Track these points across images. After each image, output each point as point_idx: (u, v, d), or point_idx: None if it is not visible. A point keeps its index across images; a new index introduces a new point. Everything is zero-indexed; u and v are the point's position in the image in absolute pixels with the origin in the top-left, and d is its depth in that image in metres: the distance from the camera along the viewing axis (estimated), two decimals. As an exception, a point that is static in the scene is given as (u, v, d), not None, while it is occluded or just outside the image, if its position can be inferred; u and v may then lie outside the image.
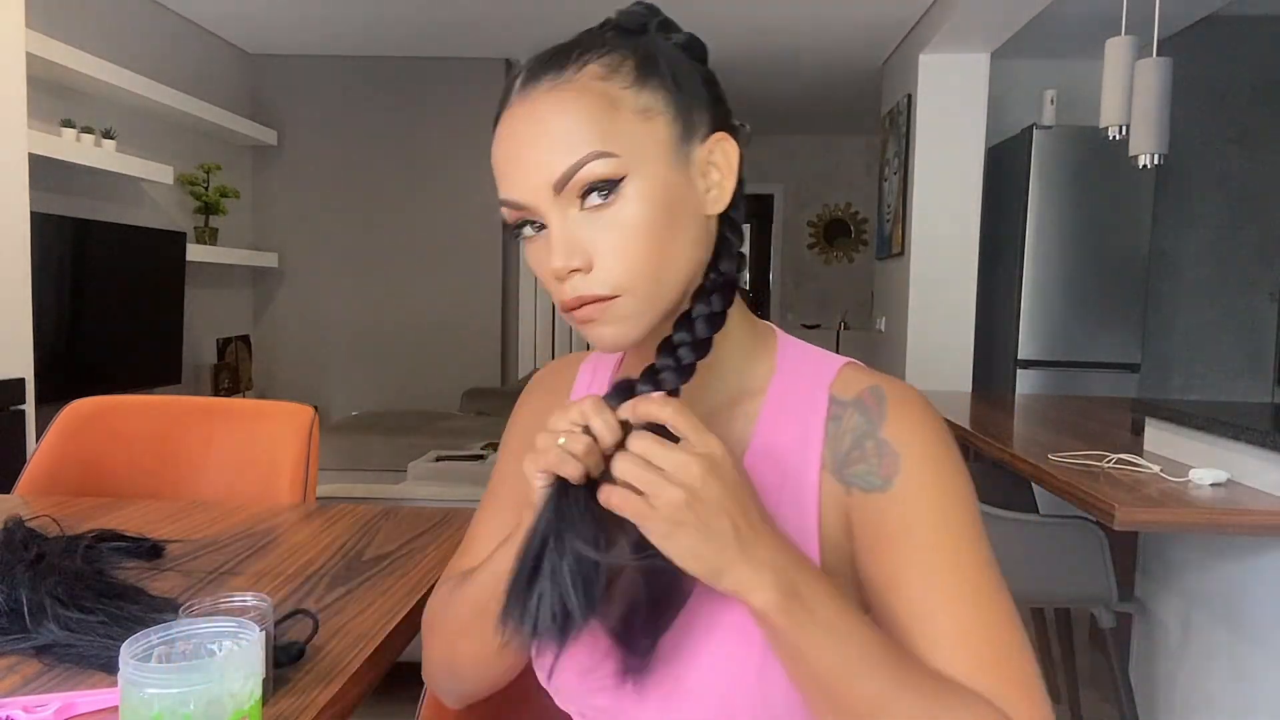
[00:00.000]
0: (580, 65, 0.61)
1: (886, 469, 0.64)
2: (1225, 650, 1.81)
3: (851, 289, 7.49)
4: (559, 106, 0.60)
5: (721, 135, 0.65)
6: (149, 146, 3.97)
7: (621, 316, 0.63)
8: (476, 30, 4.51)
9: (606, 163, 0.60)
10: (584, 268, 0.62)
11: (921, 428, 0.65)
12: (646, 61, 0.63)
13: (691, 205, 0.64)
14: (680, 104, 0.63)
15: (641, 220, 0.61)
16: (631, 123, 0.61)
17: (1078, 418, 2.55)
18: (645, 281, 0.62)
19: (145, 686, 0.56)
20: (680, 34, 0.68)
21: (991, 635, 0.60)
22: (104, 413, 1.62)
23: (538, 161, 0.61)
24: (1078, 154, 4.04)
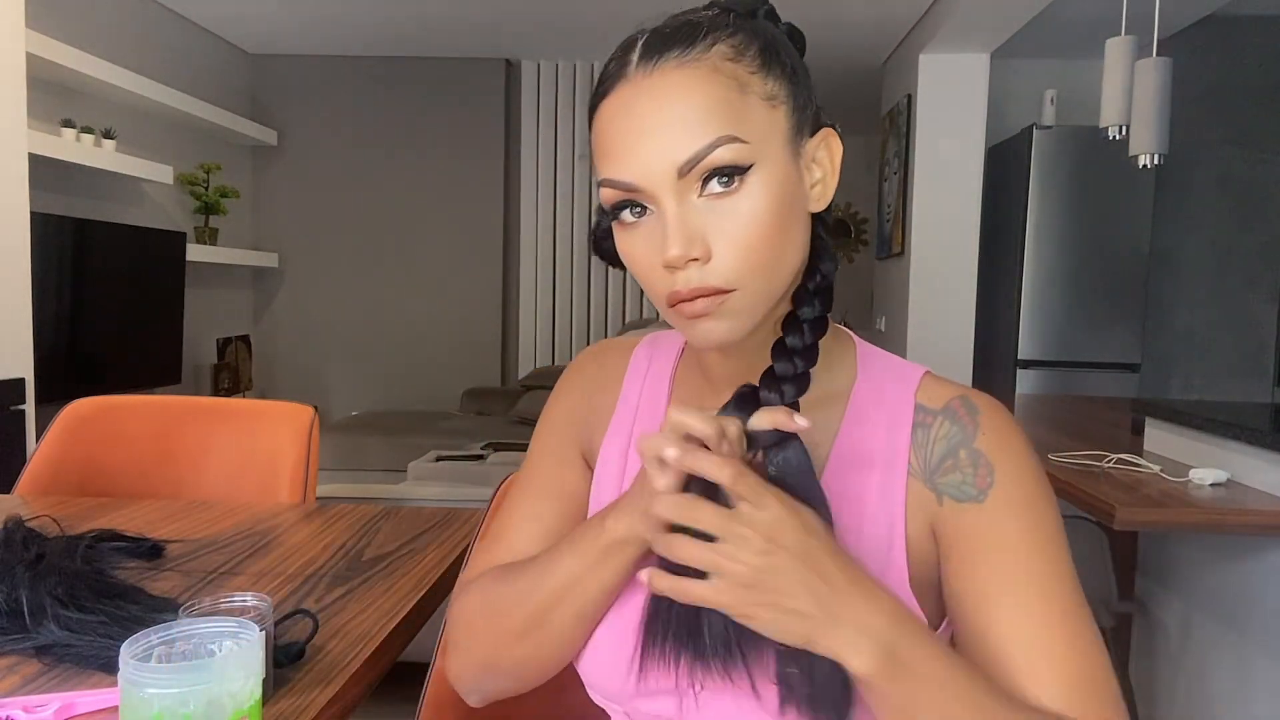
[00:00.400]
0: (710, 44, 0.58)
1: (981, 480, 0.63)
2: (1225, 650, 1.81)
3: (851, 289, 7.48)
4: (690, 84, 0.57)
5: (829, 131, 0.63)
6: (149, 146, 3.97)
7: (735, 311, 0.59)
8: (477, 30, 4.51)
9: (737, 148, 0.56)
10: (703, 258, 0.58)
11: (1014, 440, 0.65)
12: (769, 47, 0.60)
13: (801, 201, 0.61)
14: (798, 95, 0.61)
15: (762, 212, 0.58)
16: (759, 109, 0.58)
17: (1078, 418, 2.55)
18: (761, 277, 0.59)
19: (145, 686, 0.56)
20: (784, 23, 0.65)
21: (1081, 658, 0.60)
22: (104, 413, 1.62)
23: (663, 142, 0.57)
24: (1078, 154, 4.04)
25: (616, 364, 0.78)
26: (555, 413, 0.78)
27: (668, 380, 0.75)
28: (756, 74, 0.59)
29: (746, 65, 0.58)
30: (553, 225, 5.09)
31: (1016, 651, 0.59)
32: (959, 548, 0.63)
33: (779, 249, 0.59)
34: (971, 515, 0.63)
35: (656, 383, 0.75)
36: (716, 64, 0.57)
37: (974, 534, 0.62)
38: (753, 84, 0.58)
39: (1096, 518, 1.56)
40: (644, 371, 0.76)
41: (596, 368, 0.79)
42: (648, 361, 0.77)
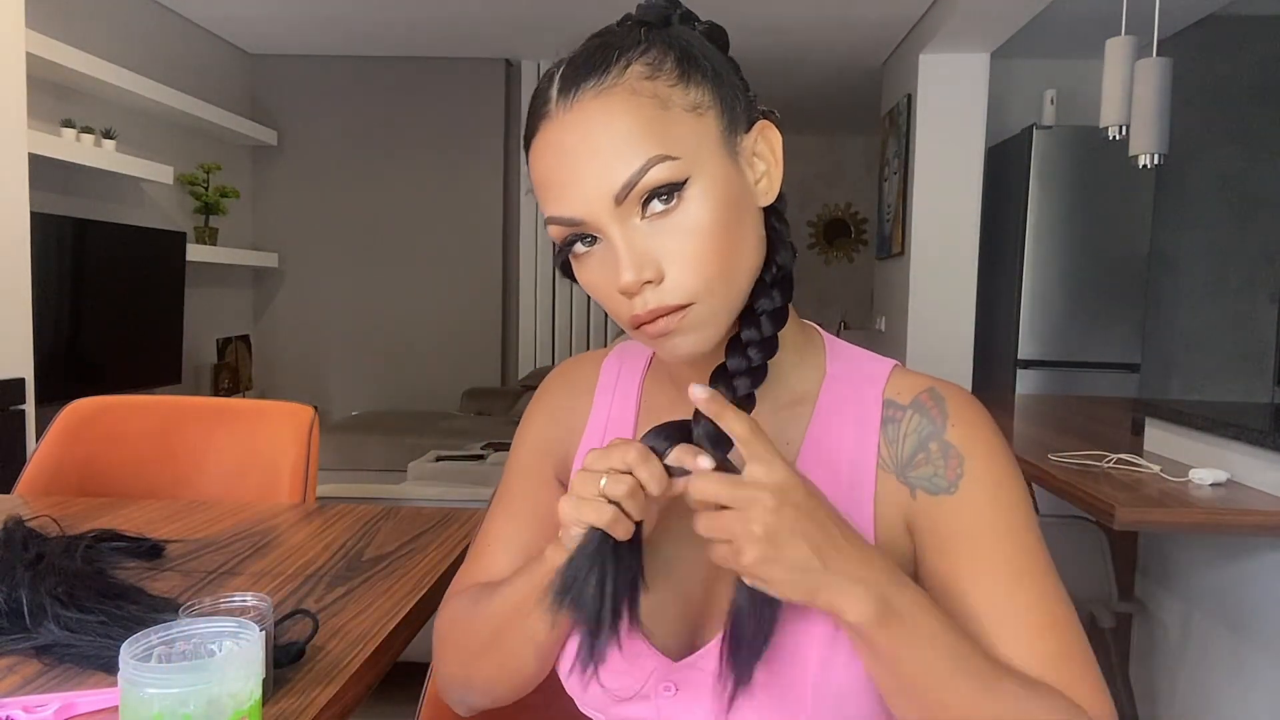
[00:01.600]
0: (624, 66, 0.58)
1: (952, 472, 0.64)
2: (1225, 650, 1.81)
3: (851, 289, 7.49)
4: (609, 112, 0.57)
5: (764, 123, 0.63)
6: (149, 146, 3.97)
7: (697, 323, 0.60)
8: (476, 30, 4.51)
9: (669, 166, 0.57)
10: (656, 279, 0.58)
11: (983, 429, 0.66)
12: (686, 55, 0.60)
13: (748, 199, 0.62)
14: (724, 96, 0.61)
15: (707, 223, 0.58)
16: (685, 121, 0.58)
17: (1078, 418, 2.55)
18: (717, 286, 0.59)
19: (145, 686, 0.56)
20: (702, 23, 0.65)
21: (1059, 634, 0.62)
22: (104, 413, 1.62)
23: (594, 173, 0.57)
24: (1078, 154, 4.04)
25: (587, 378, 0.78)
26: (527, 433, 0.79)
27: (636, 390, 0.76)
28: (676, 86, 0.58)
29: (665, 80, 0.58)
30: (553, 225, 5.08)
31: (997, 633, 0.61)
32: (935, 539, 0.64)
33: (730, 254, 0.59)
34: (945, 506, 0.64)
35: (625, 393, 0.76)
36: (634, 85, 0.57)
37: (948, 524, 0.64)
38: (674, 97, 0.58)
39: (1096, 518, 1.56)
40: (614, 383, 0.77)
41: (566, 386, 0.79)
42: (617, 373, 0.77)
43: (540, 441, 0.78)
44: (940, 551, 0.64)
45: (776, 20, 4.21)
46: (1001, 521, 0.63)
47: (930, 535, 0.64)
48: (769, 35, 4.44)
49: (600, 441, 0.75)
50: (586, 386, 0.78)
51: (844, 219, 7.36)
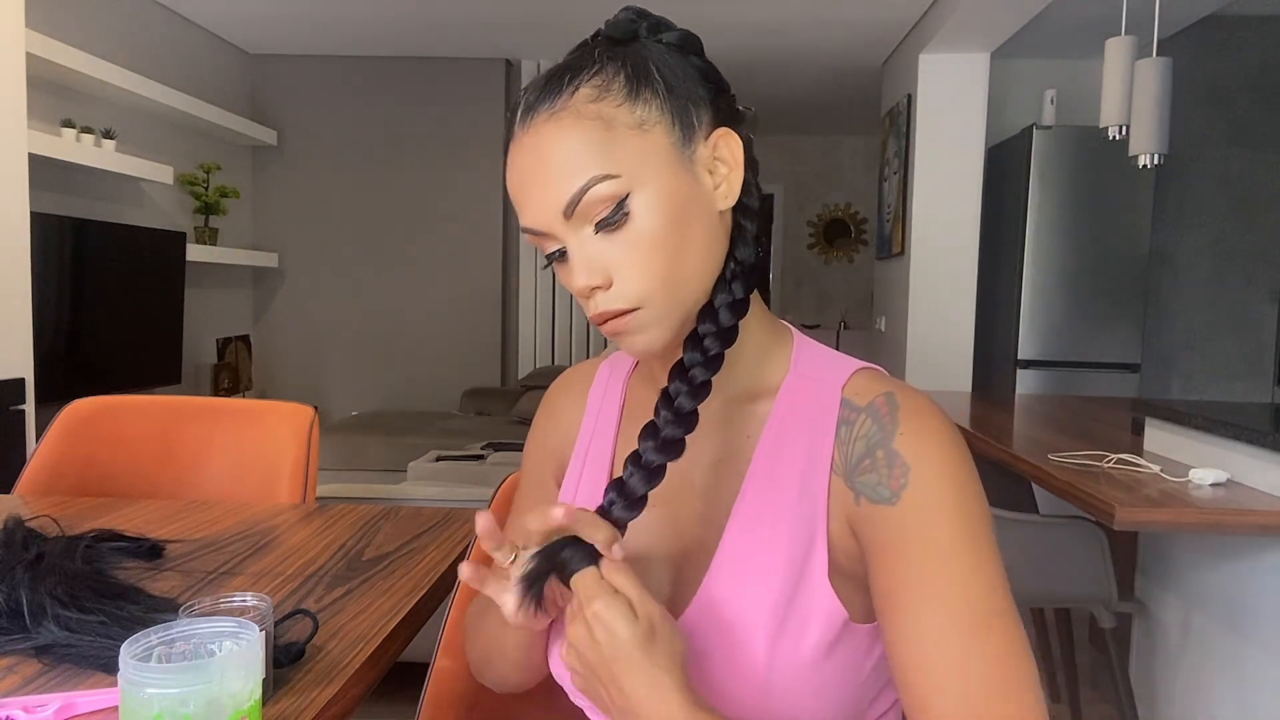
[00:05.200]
0: (573, 90, 0.63)
1: (896, 481, 0.62)
2: (1225, 650, 1.81)
3: (851, 289, 7.49)
4: (557, 135, 0.62)
5: (724, 131, 0.66)
6: (149, 146, 3.97)
7: (646, 324, 0.64)
8: (476, 30, 4.51)
9: (608, 184, 0.61)
10: (604, 285, 0.63)
11: (934, 440, 0.63)
12: (637, 73, 0.63)
13: (702, 205, 0.65)
14: (676, 108, 0.64)
15: (652, 232, 0.62)
16: (628, 139, 0.62)
17: (1078, 418, 2.55)
18: (662, 291, 0.63)
19: (145, 686, 0.56)
20: (672, 32, 0.68)
21: (993, 669, 0.58)
22: (104, 413, 1.62)
23: (545, 191, 0.62)
24: (1078, 154, 4.04)
25: (583, 383, 0.82)
26: (533, 441, 0.84)
27: (620, 391, 0.79)
28: (623, 105, 0.62)
29: (611, 100, 0.62)
30: (553, 225, 5.08)
31: (924, 661, 0.59)
32: (875, 549, 0.63)
33: (676, 260, 0.63)
34: (886, 516, 0.62)
35: (611, 395, 0.79)
36: (579, 109, 0.62)
37: (888, 536, 0.62)
38: (619, 117, 0.62)
39: (1096, 518, 1.56)
40: (604, 387, 0.81)
41: (565, 391, 0.84)
42: (608, 377, 0.81)
43: (543, 447, 0.83)
44: (878, 564, 0.62)
45: (776, 20, 4.21)
46: (944, 540, 0.61)
47: (871, 545, 0.63)
48: (769, 35, 4.44)
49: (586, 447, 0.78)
50: (581, 391, 0.82)
51: (844, 219, 7.36)
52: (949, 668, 0.58)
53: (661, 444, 0.63)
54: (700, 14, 4.04)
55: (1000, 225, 4.26)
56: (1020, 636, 0.60)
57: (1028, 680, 0.58)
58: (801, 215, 7.42)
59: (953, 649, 0.58)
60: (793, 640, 0.62)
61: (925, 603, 0.60)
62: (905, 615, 0.60)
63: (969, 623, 0.59)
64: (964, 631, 0.59)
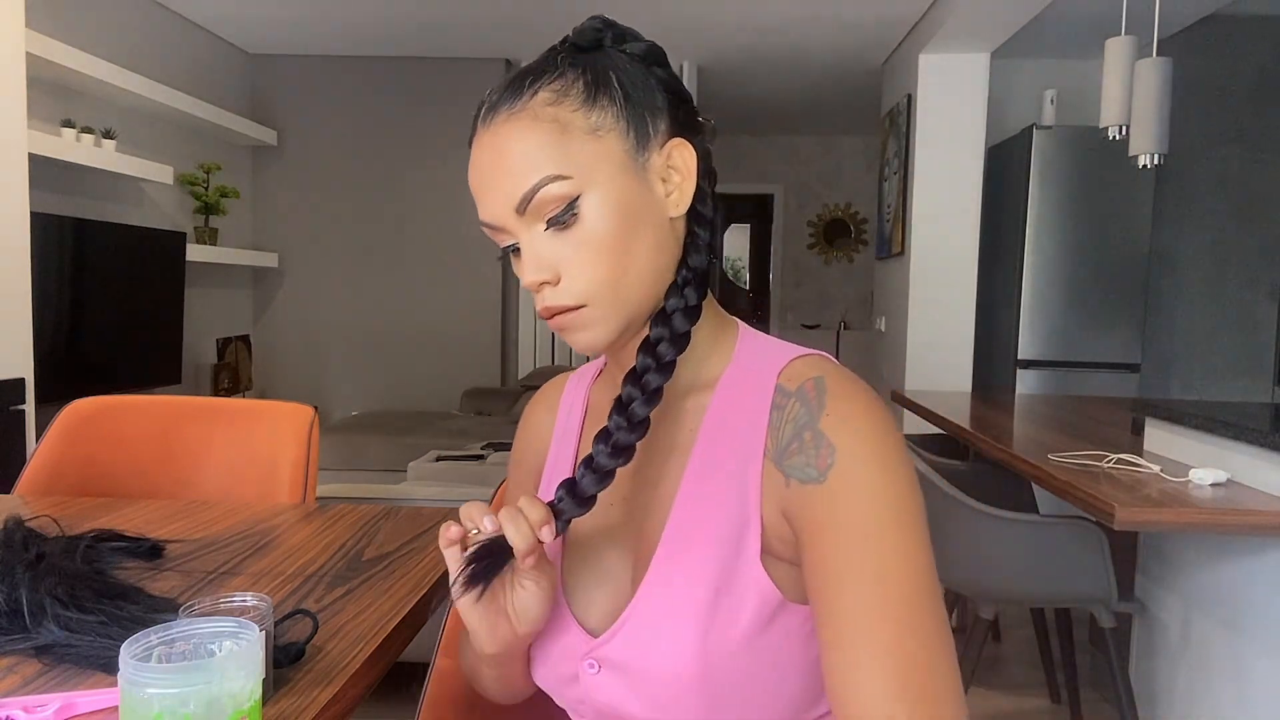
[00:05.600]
0: (533, 93, 0.65)
1: (822, 461, 0.62)
2: (1225, 650, 1.81)
3: (851, 289, 7.49)
4: (514, 135, 0.64)
5: (678, 141, 0.68)
6: (149, 146, 3.97)
7: (590, 322, 0.67)
8: (476, 30, 4.51)
9: (560, 184, 0.63)
10: (551, 281, 0.66)
11: (860, 421, 0.63)
12: (596, 80, 0.66)
13: (651, 211, 0.67)
14: (632, 116, 0.66)
15: (600, 234, 0.64)
16: (582, 143, 0.64)
17: (1078, 418, 2.55)
18: (607, 290, 0.65)
19: (145, 686, 0.56)
20: (638, 44, 0.70)
21: (911, 653, 0.58)
22: (104, 413, 1.62)
23: (500, 188, 0.65)
24: (1078, 154, 4.04)
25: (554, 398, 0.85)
26: (514, 452, 0.88)
27: (583, 398, 0.82)
28: (579, 110, 0.65)
29: (568, 105, 0.65)
30: (553, 225, 5.08)
31: (844, 641, 0.59)
32: (805, 530, 0.63)
33: (623, 262, 0.65)
34: (814, 496, 0.62)
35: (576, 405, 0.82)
36: (537, 111, 0.65)
37: (815, 516, 0.62)
38: (575, 121, 0.64)
39: (1096, 518, 1.56)
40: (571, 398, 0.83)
41: (541, 403, 0.87)
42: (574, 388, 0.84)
43: (520, 463, 0.86)
44: (807, 544, 0.63)
45: (777, 20, 4.21)
46: (868, 520, 0.61)
47: (800, 526, 0.63)
48: (769, 35, 4.44)
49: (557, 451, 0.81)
50: (553, 403, 0.85)
51: (844, 219, 7.36)
52: (871, 650, 0.58)
53: (613, 448, 0.65)
54: (700, 13, 4.04)
55: (1000, 225, 4.26)
56: (942, 624, 0.60)
57: (948, 666, 0.59)
58: (801, 215, 7.42)
59: (878, 631, 0.58)
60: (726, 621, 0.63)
61: (849, 581, 0.60)
62: (829, 592, 0.61)
63: (893, 608, 0.59)
64: (886, 615, 0.59)
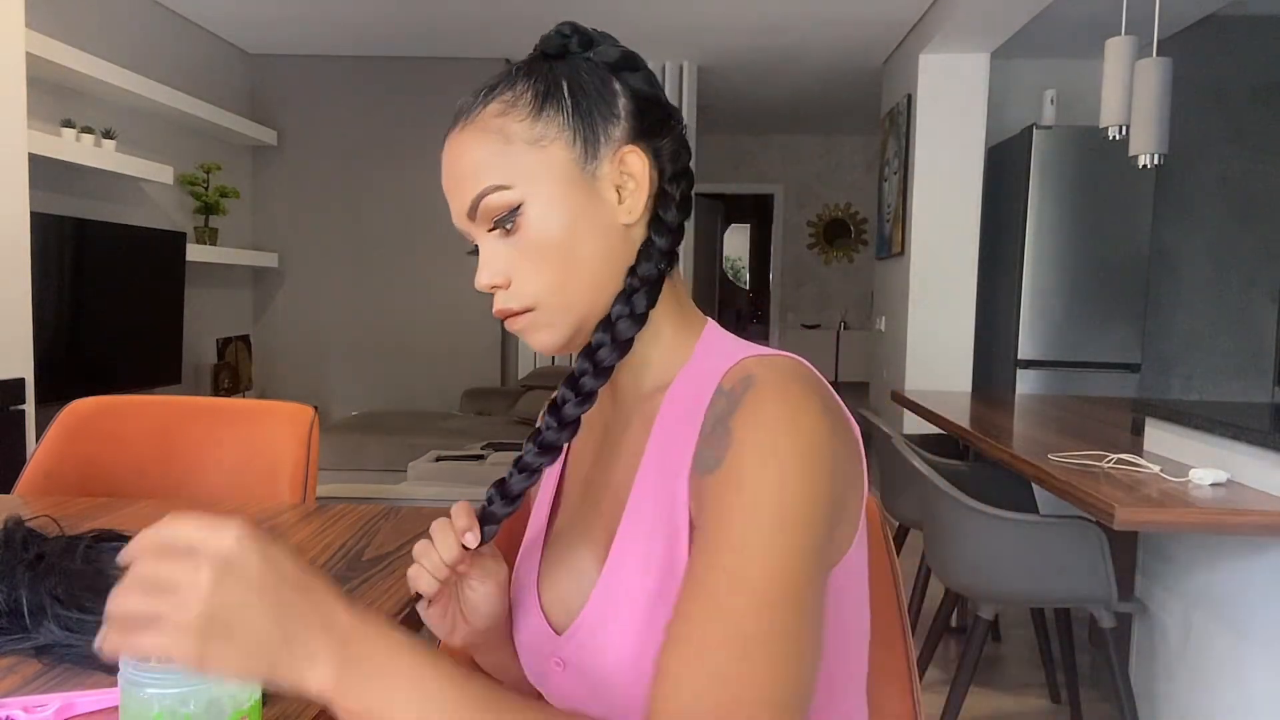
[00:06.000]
0: (484, 104, 0.68)
1: (719, 451, 0.60)
2: (1225, 650, 1.81)
3: (851, 289, 7.49)
4: (465, 145, 0.68)
5: (629, 149, 0.68)
6: (149, 146, 3.98)
7: (541, 325, 0.68)
8: (476, 30, 4.51)
9: (500, 195, 0.66)
10: (503, 285, 0.68)
11: (765, 416, 0.59)
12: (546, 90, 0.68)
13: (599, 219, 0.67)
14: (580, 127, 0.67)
15: (542, 241, 0.66)
16: (524, 153, 0.66)
17: (1078, 418, 2.55)
18: (553, 295, 0.67)
19: (145, 686, 0.56)
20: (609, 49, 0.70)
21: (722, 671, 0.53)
22: (104, 413, 1.62)
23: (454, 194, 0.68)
24: (1078, 154, 4.04)
25: None
26: None
27: None
28: (524, 121, 0.67)
29: (515, 116, 0.67)
30: (553, 225, 5.09)
31: (670, 635, 0.56)
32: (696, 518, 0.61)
33: (566, 269, 0.67)
34: (707, 485, 0.60)
35: None
36: (486, 123, 0.67)
37: (700, 502, 0.60)
38: (518, 132, 0.66)
39: (1096, 518, 1.56)
40: None
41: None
42: None
43: None
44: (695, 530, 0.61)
45: (776, 20, 4.21)
46: (742, 510, 0.57)
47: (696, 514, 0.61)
48: (769, 35, 4.45)
49: None
50: None
51: (844, 219, 7.36)
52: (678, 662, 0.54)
53: (540, 447, 0.68)
54: (701, 13, 4.04)
55: (1000, 225, 4.27)
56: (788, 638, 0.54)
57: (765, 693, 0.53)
58: (801, 215, 7.42)
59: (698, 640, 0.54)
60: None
61: (702, 570, 0.57)
62: (684, 586, 0.58)
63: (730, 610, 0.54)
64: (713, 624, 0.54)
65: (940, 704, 1.99)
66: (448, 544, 0.67)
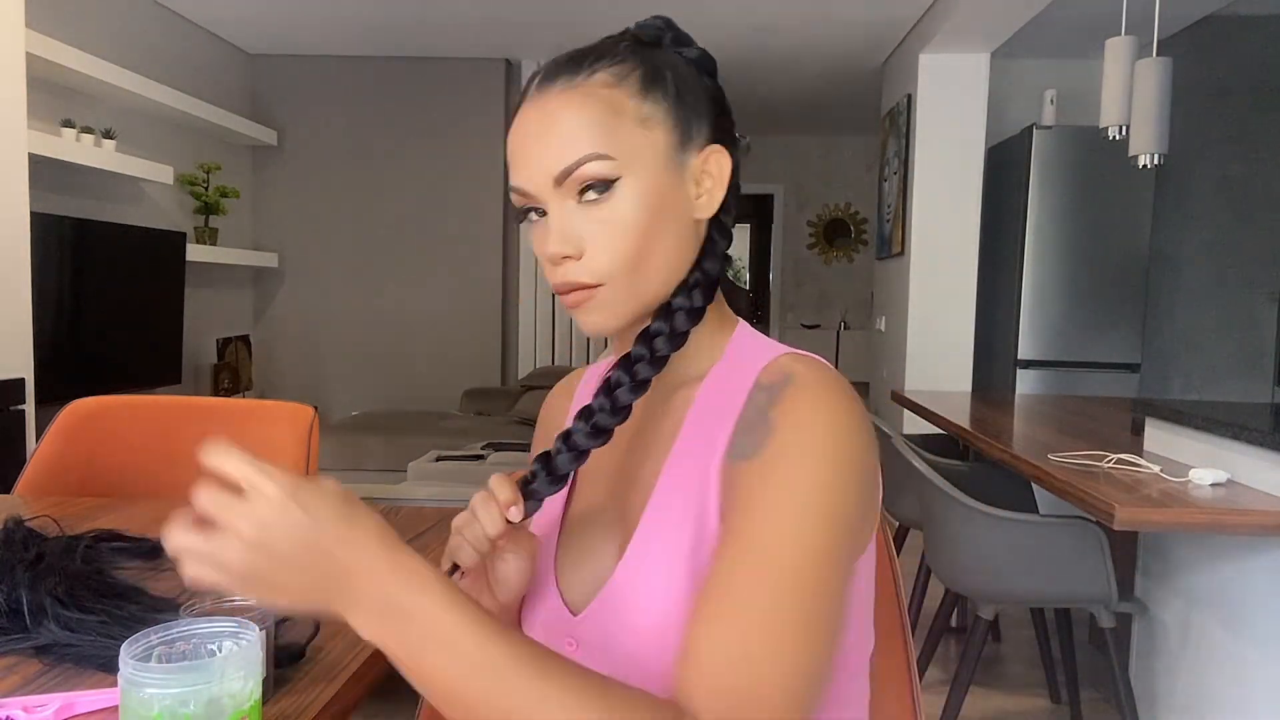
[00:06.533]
0: (592, 72, 0.66)
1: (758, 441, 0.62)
2: (1225, 650, 1.81)
3: (851, 289, 7.49)
4: (567, 107, 0.65)
5: (716, 148, 0.69)
6: (149, 146, 3.97)
7: (604, 304, 0.67)
8: (477, 30, 4.51)
9: (603, 164, 0.65)
10: (575, 255, 0.66)
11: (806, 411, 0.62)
12: (653, 73, 0.67)
13: (680, 209, 0.68)
14: (680, 116, 0.68)
15: (629, 218, 0.65)
16: (631, 129, 0.66)
17: (1078, 418, 2.55)
18: (626, 274, 0.66)
19: (145, 686, 0.56)
20: (693, 49, 0.72)
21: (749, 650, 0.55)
22: (104, 413, 1.62)
23: (543, 155, 0.66)
24: (1078, 154, 4.04)
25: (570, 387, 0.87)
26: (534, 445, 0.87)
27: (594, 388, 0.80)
28: (633, 98, 0.66)
29: (624, 90, 0.66)
30: (553, 225, 5.09)
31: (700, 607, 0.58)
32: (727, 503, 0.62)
33: (645, 250, 0.66)
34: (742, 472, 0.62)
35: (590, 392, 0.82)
36: (594, 90, 0.66)
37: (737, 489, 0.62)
38: (628, 107, 0.66)
39: (1096, 518, 1.56)
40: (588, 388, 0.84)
41: (560, 394, 0.88)
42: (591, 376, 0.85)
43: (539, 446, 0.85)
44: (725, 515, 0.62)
45: (776, 20, 4.21)
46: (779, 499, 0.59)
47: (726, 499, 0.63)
48: (769, 35, 4.45)
49: None
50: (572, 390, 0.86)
51: (844, 219, 7.36)
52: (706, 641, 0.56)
53: (593, 428, 0.67)
54: (701, 12, 4.04)
55: (1000, 225, 4.27)
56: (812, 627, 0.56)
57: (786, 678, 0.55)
58: (801, 215, 7.42)
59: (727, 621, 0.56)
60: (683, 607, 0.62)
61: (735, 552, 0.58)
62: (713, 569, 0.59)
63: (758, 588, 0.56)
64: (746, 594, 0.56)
65: (940, 704, 1.99)
66: (492, 517, 0.67)
